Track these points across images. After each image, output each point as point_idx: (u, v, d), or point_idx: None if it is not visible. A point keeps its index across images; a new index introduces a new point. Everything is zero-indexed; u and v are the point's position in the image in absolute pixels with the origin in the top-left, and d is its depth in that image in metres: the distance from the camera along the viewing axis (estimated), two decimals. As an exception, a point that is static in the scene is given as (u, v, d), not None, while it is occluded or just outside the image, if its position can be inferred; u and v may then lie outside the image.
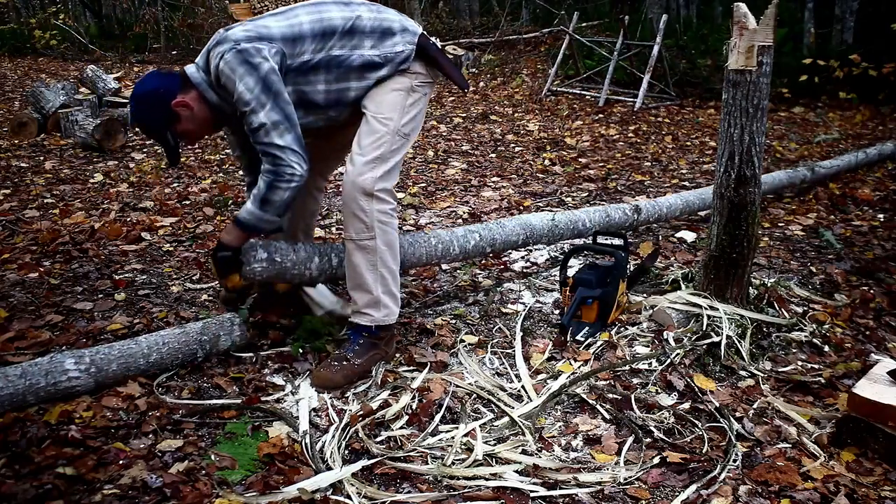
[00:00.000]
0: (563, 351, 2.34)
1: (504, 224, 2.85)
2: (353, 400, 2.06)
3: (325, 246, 2.36)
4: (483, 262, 3.15)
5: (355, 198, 2.08)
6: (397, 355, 2.27)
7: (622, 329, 2.47)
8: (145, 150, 5.55)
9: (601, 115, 7.49)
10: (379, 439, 1.88)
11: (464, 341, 2.40)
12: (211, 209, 3.84)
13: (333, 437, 1.86)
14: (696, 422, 1.96)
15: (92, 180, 4.53)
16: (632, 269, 2.81)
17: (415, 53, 2.17)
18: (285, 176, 2.01)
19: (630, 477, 1.74)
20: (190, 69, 2.06)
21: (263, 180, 2.03)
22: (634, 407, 2.01)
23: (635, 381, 2.16)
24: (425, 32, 2.24)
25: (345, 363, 2.14)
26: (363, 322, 2.18)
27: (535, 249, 3.31)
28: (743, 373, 2.22)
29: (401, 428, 1.92)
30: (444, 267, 3.09)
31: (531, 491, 1.69)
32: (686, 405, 2.04)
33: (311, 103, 2.12)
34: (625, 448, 1.85)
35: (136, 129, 5.85)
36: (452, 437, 1.88)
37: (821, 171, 4.48)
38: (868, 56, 7.51)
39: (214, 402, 2.00)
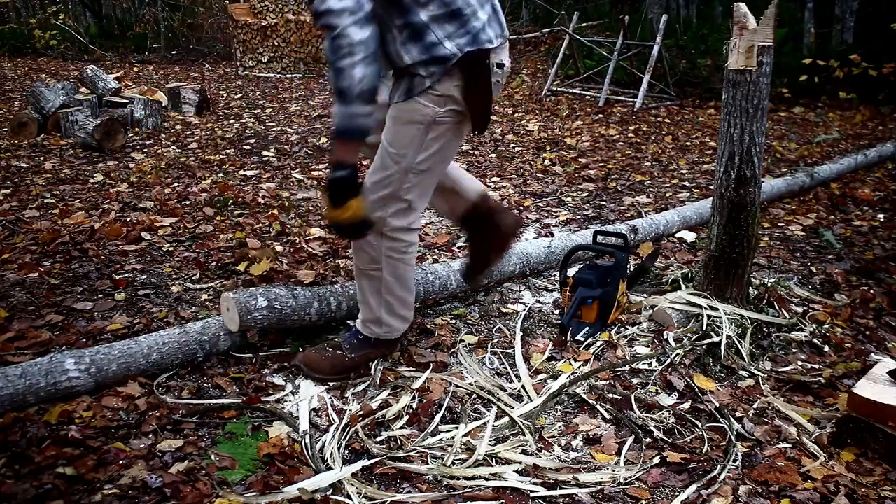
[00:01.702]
0: (564, 351, 2.34)
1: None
2: (353, 400, 2.06)
3: (325, 290, 2.37)
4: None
5: None
6: (397, 354, 2.27)
7: (622, 329, 2.47)
8: (145, 150, 5.55)
9: (601, 115, 7.49)
10: (379, 439, 1.88)
11: (464, 341, 2.40)
12: (211, 209, 3.84)
13: (333, 437, 1.86)
14: (696, 422, 1.96)
15: (92, 180, 4.53)
16: (632, 269, 2.81)
17: (459, 65, 1.80)
18: (342, 48, 1.63)
19: (630, 477, 1.74)
20: None
21: (329, 69, 1.71)
22: (634, 407, 2.01)
23: (635, 381, 2.16)
24: (501, 42, 1.86)
25: (337, 353, 2.14)
26: (364, 332, 2.17)
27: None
28: (743, 373, 2.22)
29: (401, 428, 1.92)
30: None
31: (531, 491, 1.69)
32: (686, 405, 2.04)
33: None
34: (625, 448, 1.85)
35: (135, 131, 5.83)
36: (452, 437, 1.88)
37: (819, 176, 4.49)
38: (868, 56, 7.52)
39: (214, 402, 2.00)
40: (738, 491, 1.68)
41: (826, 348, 2.38)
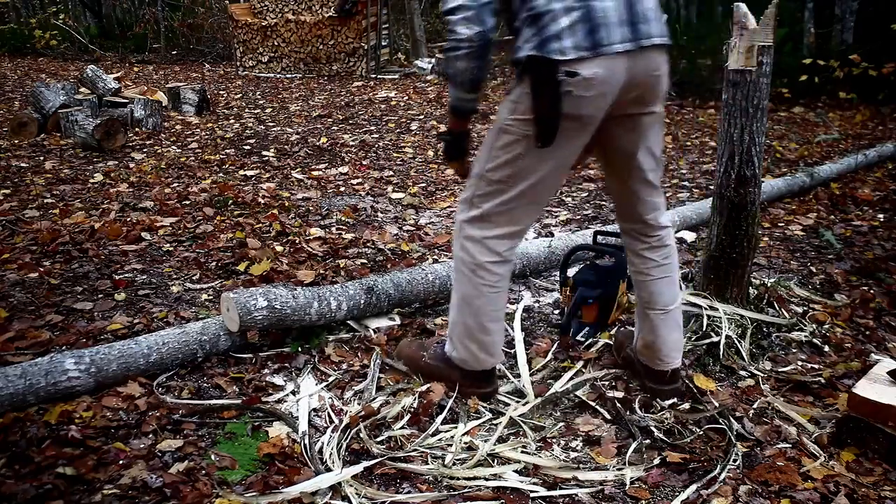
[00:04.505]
0: (564, 351, 2.34)
1: None
2: (354, 400, 2.06)
3: (324, 290, 2.36)
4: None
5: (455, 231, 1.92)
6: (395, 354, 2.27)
7: (622, 329, 2.46)
8: (145, 150, 5.55)
9: (601, 115, 7.48)
10: (379, 439, 1.87)
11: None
12: (211, 209, 3.84)
13: (333, 437, 1.86)
14: (697, 422, 1.96)
15: (92, 180, 4.53)
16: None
17: (526, 71, 1.70)
18: (451, 42, 1.72)
19: (631, 477, 1.74)
20: None
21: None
22: (635, 407, 2.01)
23: (635, 381, 2.16)
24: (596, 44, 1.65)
25: (420, 351, 2.15)
26: (447, 345, 2.06)
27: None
28: (743, 373, 2.22)
29: (401, 428, 1.92)
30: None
31: (531, 491, 1.69)
32: (686, 405, 2.04)
33: None
34: (626, 449, 1.85)
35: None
36: (452, 437, 1.88)
37: (819, 176, 4.49)
38: (868, 56, 7.51)
39: (214, 402, 2.00)
40: (738, 491, 1.68)
41: (826, 348, 2.38)
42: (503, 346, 2.38)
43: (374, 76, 11.30)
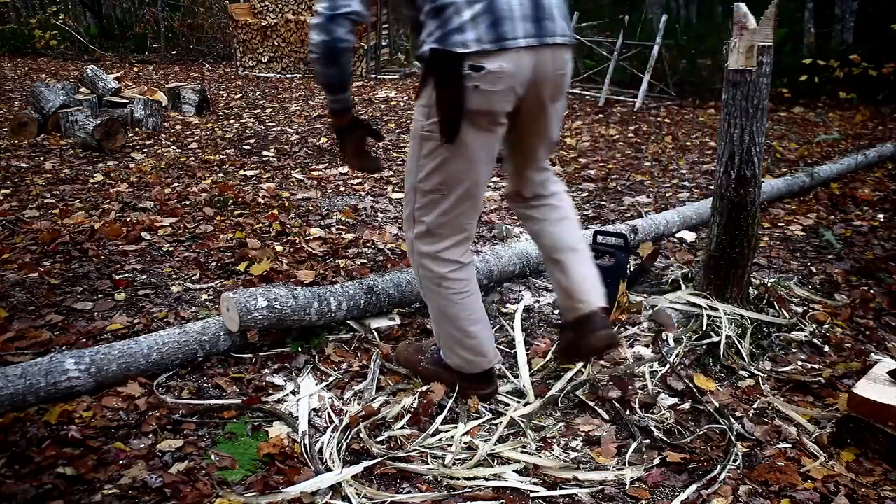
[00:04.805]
0: (563, 351, 2.34)
1: (501, 255, 2.86)
2: (353, 400, 2.06)
3: (325, 290, 2.36)
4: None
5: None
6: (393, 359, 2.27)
7: (622, 329, 2.47)
8: (145, 150, 5.55)
9: (601, 115, 7.49)
10: (379, 439, 1.87)
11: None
12: (211, 209, 3.84)
13: (333, 437, 1.86)
14: (696, 422, 1.96)
15: (92, 180, 4.53)
16: (632, 269, 2.81)
17: (432, 64, 1.69)
18: (309, 48, 1.79)
19: (631, 477, 1.74)
20: None
21: None
22: (635, 407, 2.01)
23: (635, 381, 2.16)
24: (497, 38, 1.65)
25: (417, 355, 2.14)
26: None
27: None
28: (743, 373, 2.22)
29: (401, 428, 1.92)
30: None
31: (531, 491, 1.69)
32: (686, 405, 2.04)
33: None
34: (626, 449, 1.85)
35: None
36: (452, 437, 1.88)
37: (819, 176, 4.49)
38: (868, 56, 7.52)
39: (214, 402, 2.00)
40: (738, 491, 1.68)
41: (826, 348, 2.38)
42: (503, 345, 2.39)
43: (374, 76, 11.31)
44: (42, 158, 5.17)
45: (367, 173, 2.02)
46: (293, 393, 2.08)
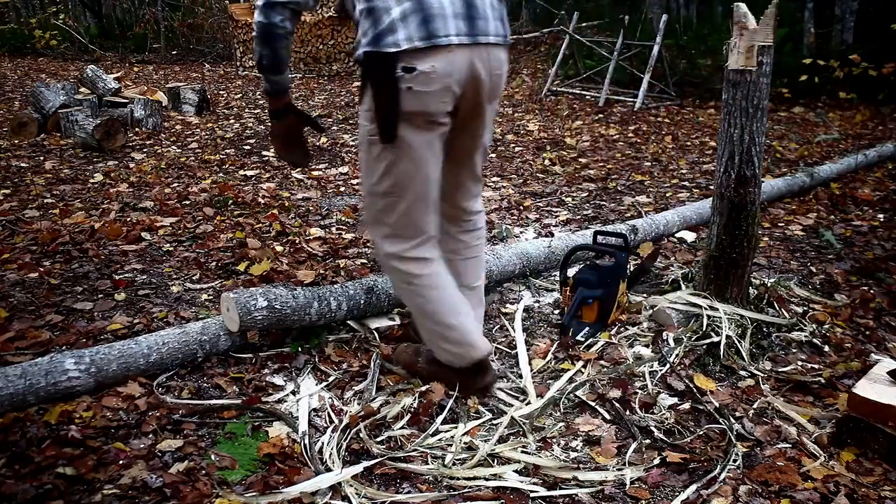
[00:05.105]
0: (564, 351, 2.34)
1: (500, 255, 2.86)
2: (353, 400, 2.06)
3: (325, 290, 2.36)
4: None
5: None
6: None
7: (622, 329, 2.47)
8: (145, 150, 5.55)
9: (601, 115, 7.49)
10: (379, 439, 1.87)
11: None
12: (211, 209, 3.84)
13: (333, 437, 1.86)
14: (696, 422, 1.96)
15: (92, 180, 4.53)
16: (632, 269, 2.81)
17: (367, 67, 1.72)
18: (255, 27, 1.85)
19: (631, 477, 1.74)
20: None
21: None
22: (635, 407, 2.01)
23: (635, 381, 2.16)
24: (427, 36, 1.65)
25: (414, 356, 2.15)
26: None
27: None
28: (743, 373, 2.22)
29: (401, 428, 1.92)
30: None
31: (531, 491, 1.69)
32: (686, 405, 2.04)
33: None
34: (626, 449, 1.85)
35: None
36: (452, 437, 1.88)
37: (819, 176, 4.49)
38: (868, 56, 7.51)
39: (214, 402, 2.00)
40: (738, 491, 1.68)
41: (826, 348, 2.38)
42: (503, 345, 2.38)
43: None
44: (42, 158, 5.17)
45: (291, 166, 2.07)
46: (293, 393, 2.08)
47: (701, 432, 1.91)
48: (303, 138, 2.13)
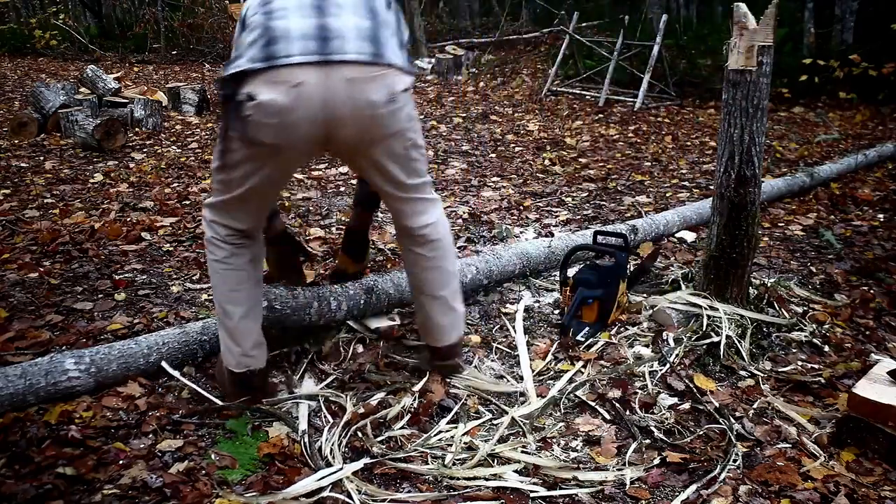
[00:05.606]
0: (564, 351, 2.34)
1: (501, 255, 2.85)
2: (353, 400, 2.06)
3: (324, 290, 2.36)
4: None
5: None
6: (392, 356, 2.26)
7: (622, 329, 2.47)
8: (145, 150, 5.55)
9: (601, 115, 7.49)
10: (379, 439, 1.87)
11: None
12: (211, 209, 3.83)
13: (333, 434, 1.86)
14: (696, 422, 1.96)
15: (92, 180, 4.53)
16: (632, 269, 2.81)
17: (219, 88, 1.68)
18: None
19: (631, 477, 1.74)
20: None
21: None
22: (635, 407, 2.01)
23: (635, 381, 2.16)
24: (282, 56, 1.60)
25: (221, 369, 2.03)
26: None
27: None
28: (743, 373, 2.22)
29: (401, 428, 1.92)
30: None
31: (531, 491, 1.69)
32: (686, 405, 2.04)
33: None
34: (626, 449, 1.85)
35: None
36: (452, 437, 1.88)
37: (819, 176, 4.50)
38: (868, 56, 7.51)
39: (214, 402, 1.99)
40: (738, 491, 1.68)
41: (826, 348, 2.38)
42: (503, 346, 2.38)
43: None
44: (42, 158, 5.17)
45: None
46: (293, 393, 2.08)
47: (701, 432, 1.91)
48: (296, 262, 2.19)
